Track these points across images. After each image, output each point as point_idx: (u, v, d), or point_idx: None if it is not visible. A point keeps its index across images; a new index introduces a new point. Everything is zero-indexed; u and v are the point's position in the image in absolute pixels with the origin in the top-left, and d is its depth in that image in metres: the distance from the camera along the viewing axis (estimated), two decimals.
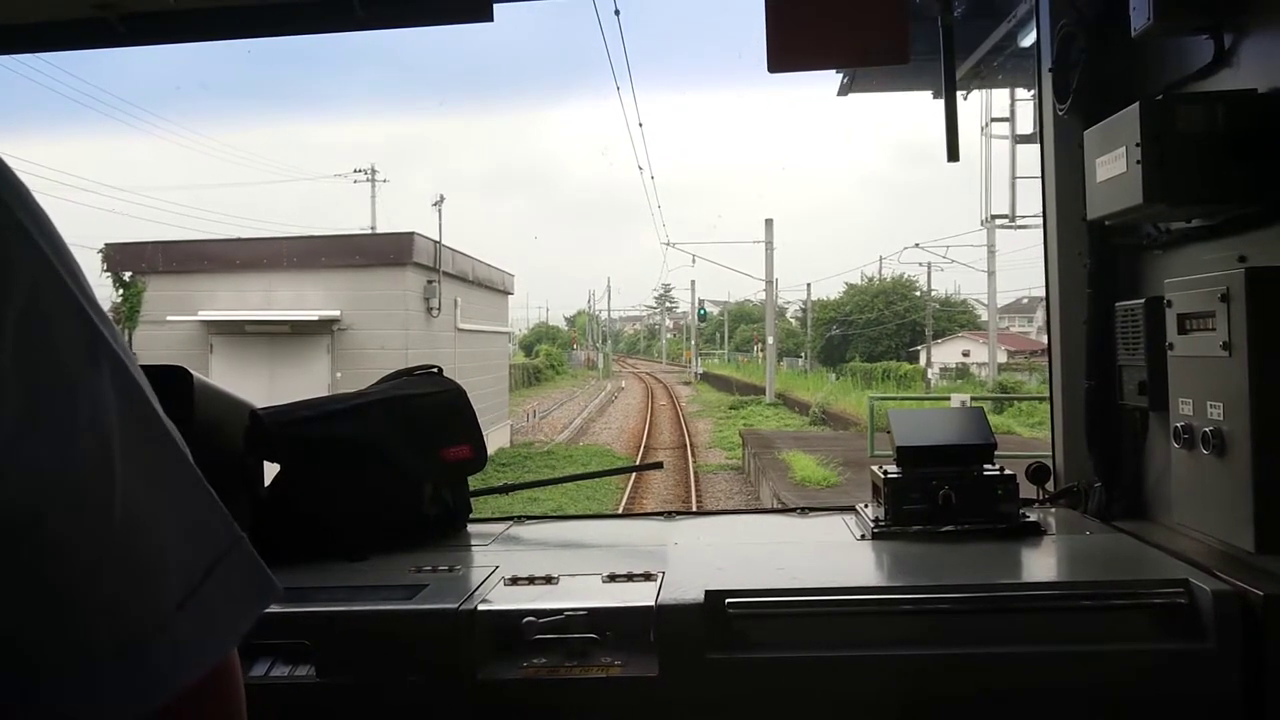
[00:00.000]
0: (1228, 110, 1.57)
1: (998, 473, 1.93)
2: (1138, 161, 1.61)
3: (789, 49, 1.94)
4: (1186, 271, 1.74)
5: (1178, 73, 1.77)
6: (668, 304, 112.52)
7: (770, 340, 36.94)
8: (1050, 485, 2.16)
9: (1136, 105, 1.63)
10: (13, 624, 0.56)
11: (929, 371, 41.07)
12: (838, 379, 42.08)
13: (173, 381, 1.81)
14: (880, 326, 53.87)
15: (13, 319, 0.57)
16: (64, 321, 0.60)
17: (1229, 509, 1.54)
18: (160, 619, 0.60)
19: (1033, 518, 1.93)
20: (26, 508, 0.55)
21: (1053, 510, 2.11)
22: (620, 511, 12.86)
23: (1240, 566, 1.53)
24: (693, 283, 74.10)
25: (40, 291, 0.59)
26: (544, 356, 65.15)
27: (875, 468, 2.01)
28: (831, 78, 3.57)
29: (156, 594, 0.61)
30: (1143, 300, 1.88)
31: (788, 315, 74.40)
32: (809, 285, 58.62)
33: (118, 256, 17.74)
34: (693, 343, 73.68)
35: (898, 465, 1.96)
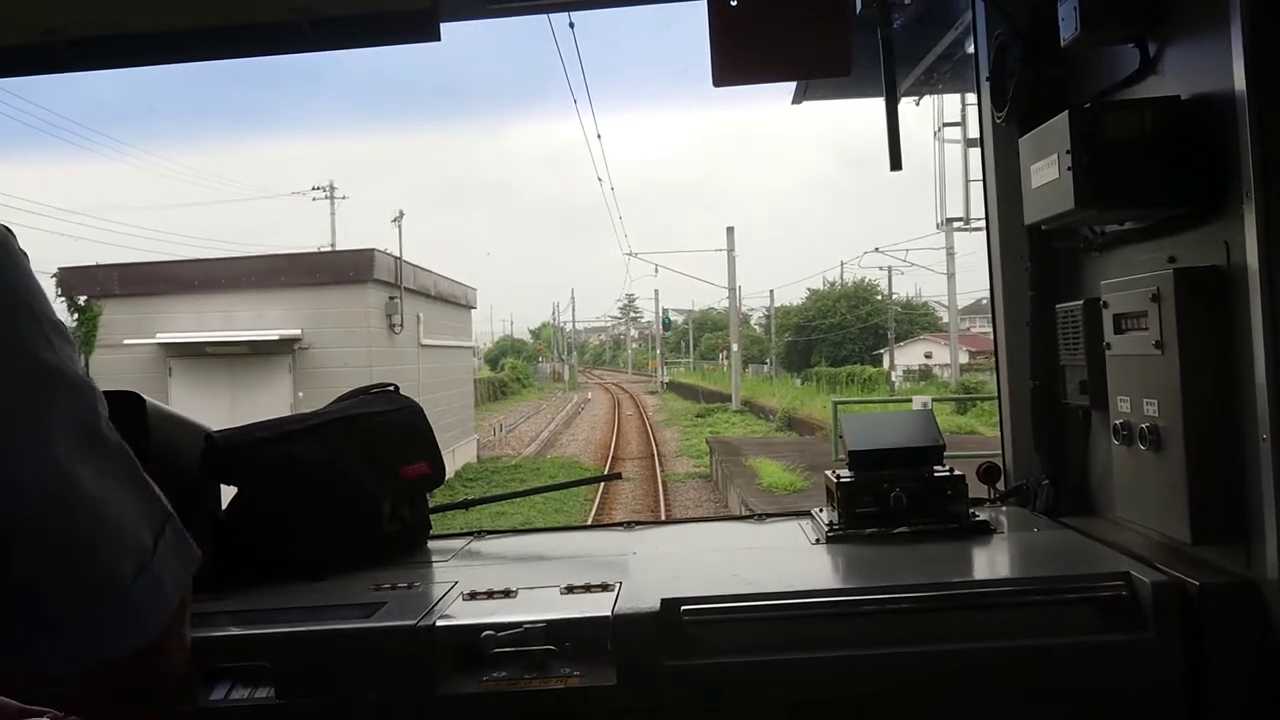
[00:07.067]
0: (1153, 117, 1.62)
1: (948, 474, 1.97)
2: (1068, 168, 1.66)
3: (733, 64, 1.97)
4: (1122, 273, 1.79)
5: (1107, 80, 1.82)
6: (632, 314, 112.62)
7: (735, 347, 37.14)
8: (1001, 484, 2.20)
9: (1066, 113, 1.68)
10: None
11: (893, 374, 41.41)
12: (803, 384, 42.33)
13: (124, 407, 1.79)
14: (843, 331, 54.24)
15: None
16: (28, 346, 0.71)
17: (1166, 502, 1.59)
18: (123, 587, 0.75)
19: (983, 517, 1.97)
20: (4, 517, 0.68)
21: (1003, 509, 2.15)
22: (584, 524, 12.84)
23: (1178, 558, 1.58)
24: (656, 292, 74.27)
25: (9, 319, 0.70)
26: (509, 370, 64.94)
27: (829, 472, 2.04)
28: (788, 86, 3.60)
29: (118, 568, 0.74)
30: (1081, 302, 1.94)
31: (752, 322, 74.81)
32: (772, 292, 58.76)
33: (73, 281, 17.45)
34: (658, 352, 73.79)
35: (850, 469, 1.99)
